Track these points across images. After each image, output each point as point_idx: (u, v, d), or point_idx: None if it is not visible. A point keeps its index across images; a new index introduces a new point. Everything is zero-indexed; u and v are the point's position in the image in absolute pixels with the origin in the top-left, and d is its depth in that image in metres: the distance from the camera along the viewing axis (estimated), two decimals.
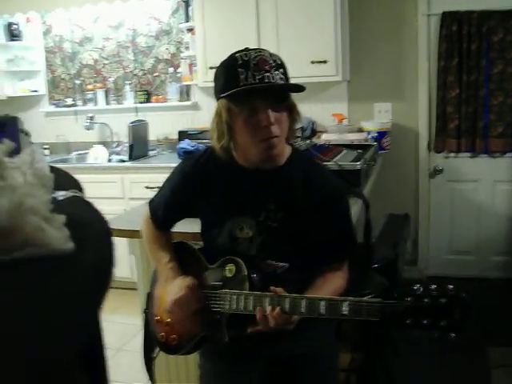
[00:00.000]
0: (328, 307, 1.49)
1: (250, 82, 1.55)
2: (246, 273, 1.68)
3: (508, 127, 4.23)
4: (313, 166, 1.82)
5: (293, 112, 1.67)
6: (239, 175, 1.75)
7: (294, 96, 1.66)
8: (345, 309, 1.45)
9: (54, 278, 0.77)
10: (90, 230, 0.90)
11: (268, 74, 1.56)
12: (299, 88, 1.61)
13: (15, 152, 0.87)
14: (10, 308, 0.68)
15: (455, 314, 1.29)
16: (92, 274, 0.86)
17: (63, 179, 1.03)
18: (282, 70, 1.60)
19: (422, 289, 1.33)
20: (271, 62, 1.58)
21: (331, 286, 1.71)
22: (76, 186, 1.03)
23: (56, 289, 0.76)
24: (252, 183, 1.74)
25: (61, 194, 0.91)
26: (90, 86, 5.36)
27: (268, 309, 1.56)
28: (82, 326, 0.85)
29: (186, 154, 3.94)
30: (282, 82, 1.60)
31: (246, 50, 1.61)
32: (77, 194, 0.98)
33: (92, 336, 0.96)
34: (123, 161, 4.78)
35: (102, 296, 0.90)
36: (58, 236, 0.77)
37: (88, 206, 0.98)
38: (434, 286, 1.32)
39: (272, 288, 1.58)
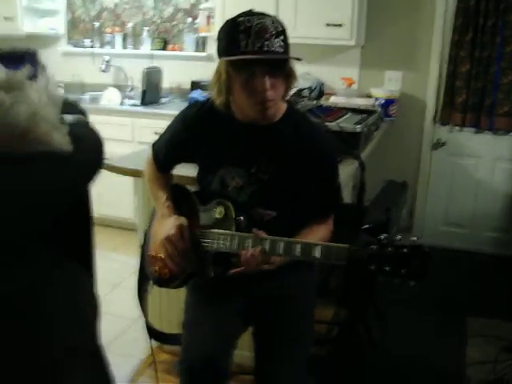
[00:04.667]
0: (302, 249, 1.61)
1: (250, 49, 1.62)
2: (233, 216, 1.80)
3: None
4: (306, 123, 1.92)
5: (290, 76, 1.76)
6: (235, 128, 1.85)
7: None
8: (317, 252, 1.58)
9: (56, 167, 1.07)
10: (86, 140, 1.20)
11: (268, 42, 1.62)
12: (296, 58, 1.69)
13: (33, 79, 1.11)
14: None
15: (415, 263, 1.41)
16: (83, 167, 1.18)
17: (73, 107, 1.27)
18: (282, 38, 1.66)
19: (387, 238, 1.45)
20: (272, 29, 1.64)
21: (316, 235, 1.83)
22: (81, 112, 1.27)
23: (57, 176, 1.09)
24: (247, 137, 1.85)
25: (69, 117, 1.17)
26: (108, 29, 5.42)
27: (250, 248, 1.69)
28: (66, 204, 1.20)
29: None
30: (281, 50, 1.66)
31: (250, 14, 1.67)
32: (81, 118, 1.23)
33: (79, 215, 1.34)
34: (135, 105, 4.88)
35: (88, 182, 1.26)
36: (61, 140, 1.06)
37: (87, 126, 1.26)
38: (398, 237, 1.44)
39: (254, 230, 1.70)
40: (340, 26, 4.17)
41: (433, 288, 3.57)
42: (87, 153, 1.18)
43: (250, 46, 1.62)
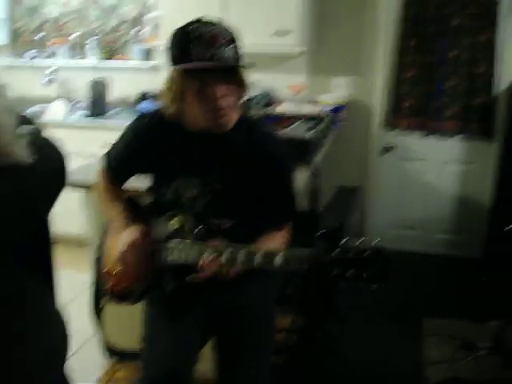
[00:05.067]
0: (263, 258, 1.59)
1: (202, 58, 1.61)
2: (190, 227, 1.77)
3: (459, 110, 4.37)
4: (259, 130, 1.91)
5: (242, 84, 1.74)
6: (187, 138, 1.83)
7: (255, 65, 1.73)
8: (278, 259, 1.56)
9: (16, 180, 1.05)
10: (47, 151, 1.19)
11: (219, 50, 1.61)
12: (248, 65, 1.69)
13: None
14: None
15: (376, 266, 1.41)
16: (45, 181, 1.16)
17: (27, 121, 1.25)
18: (233, 45, 1.66)
19: (347, 243, 1.45)
20: (223, 37, 1.63)
21: (273, 242, 1.82)
22: (35, 126, 1.26)
23: (16, 188, 1.05)
24: (199, 146, 1.82)
25: (26, 128, 1.16)
26: (52, 41, 5.30)
27: (208, 259, 1.66)
28: (33, 218, 1.16)
29: None
30: (233, 58, 1.65)
31: (200, 22, 1.66)
32: (37, 130, 1.23)
33: (39, 230, 1.31)
34: (82, 118, 4.79)
35: (52, 197, 1.21)
36: (22, 152, 1.04)
37: (45, 138, 1.25)
38: (359, 242, 1.44)
39: (213, 240, 1.68)
40: (287, 33, 4.17)
41: (387, 291, 3.60)
42: (50, 163, 1.17)
43: (202, 54, 1.61)
